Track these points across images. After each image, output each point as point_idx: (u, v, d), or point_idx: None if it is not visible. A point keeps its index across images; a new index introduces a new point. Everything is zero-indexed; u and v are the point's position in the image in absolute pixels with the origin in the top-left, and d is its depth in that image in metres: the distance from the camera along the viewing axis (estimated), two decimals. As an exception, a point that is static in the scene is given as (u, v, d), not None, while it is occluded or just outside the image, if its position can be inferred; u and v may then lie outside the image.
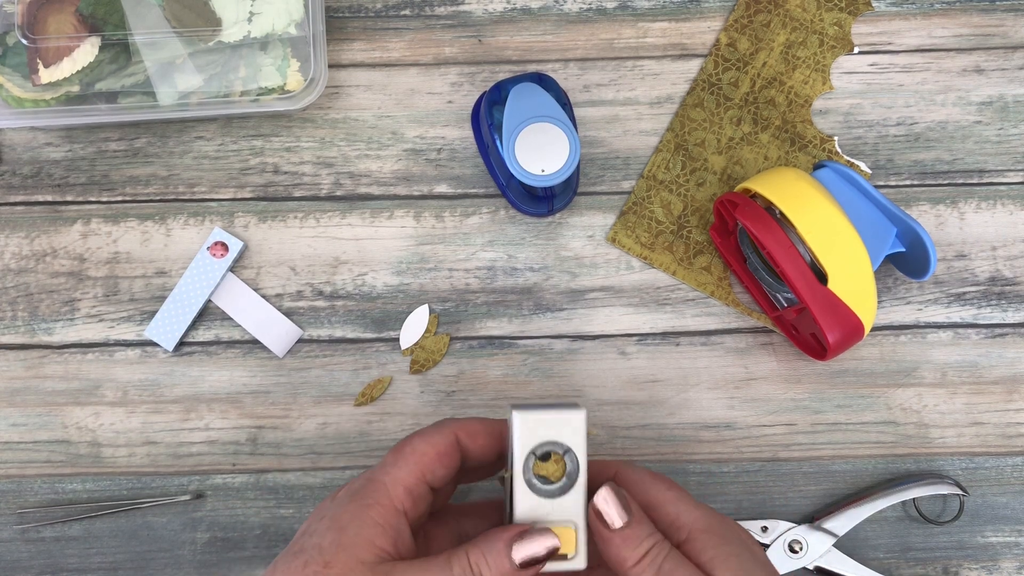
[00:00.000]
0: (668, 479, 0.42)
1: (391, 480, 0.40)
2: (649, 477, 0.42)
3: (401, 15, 0.58)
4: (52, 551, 0.53)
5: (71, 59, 0.52)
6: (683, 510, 0.41)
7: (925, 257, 0.50)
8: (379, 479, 0.40)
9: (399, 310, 0.55)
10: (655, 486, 0.41)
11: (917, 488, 0.51)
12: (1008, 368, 0.54)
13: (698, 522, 0.40)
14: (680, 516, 0.40)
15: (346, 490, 0.40)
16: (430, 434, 0.41)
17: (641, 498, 0.41)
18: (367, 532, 0.38)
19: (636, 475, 0.42)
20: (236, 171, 0.56)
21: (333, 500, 0.40)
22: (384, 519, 0.39)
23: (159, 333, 0.54)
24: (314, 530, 0.39)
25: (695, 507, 0.41)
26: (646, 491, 0.41)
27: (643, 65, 0.57)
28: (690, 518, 0.40)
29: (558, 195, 0.54)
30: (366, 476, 0.40)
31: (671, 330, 0.55)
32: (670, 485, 0.42)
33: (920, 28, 0.57)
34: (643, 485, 0.42)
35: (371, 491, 0.39)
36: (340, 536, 0.38)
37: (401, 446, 0.41)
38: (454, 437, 0.42)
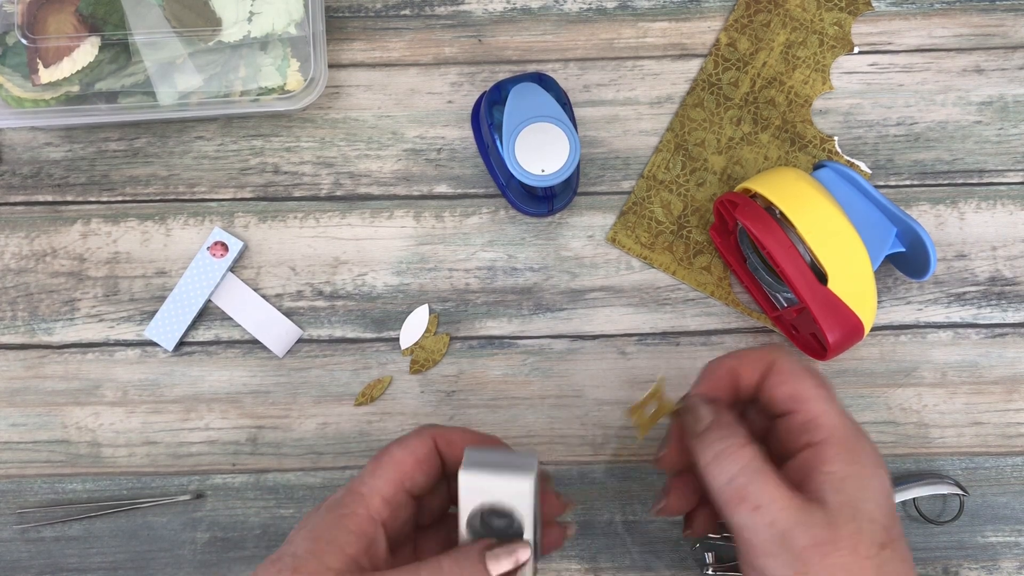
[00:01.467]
0: (820, 377, 0.41)
1: (368, 490, 0.40)
2: (801, 370, 0.41)
3: (401, 15, 0.58)
4: (52, 551, 0.53)
5: (71, 59, 0.52)
6: (826, 411, 0.40)
7: (925, 257, 0.50)
8: (356, 489, 0.40)
9: (399, 310, 0.55)
10: (804, 381, 0.41)
11: (917, 488, 0.51)
12: (1008, 368, 0.54)
13: (837, 430, 0.39)
14: (821, 416, 0.40)
15: (328, 500, 0.41)
16: (408, 441, 0.41)
17: (787, 389, 0.41)
18: (339, 540, 0.38)
19: (789, 365, 0.42)
20: (236, 171, 0.56)
21: (316, 510, 0.40)
22: (358, 527, 0.39)
23: (159, 333, 0.54)
24: (292, 539, 0.39)
25: (839, 414, 0.40)
26: (796, 384, 0.41)
27: (643, 65, 0.57)
28: (830, 422, 0.40)
29: (558, 195, 0.54)
30: (346, 487, 0.41)
31: (671, 330, 0.55)
32: (820, 383, 0.41)
33: (920, 28, 0.57)
34: (792, 376, 0.41)
35: (348, 501, 0.40)
36: (314, 544, 0.38)
37: (380, 455, 0.41)
38: (432, 443, 0.42)
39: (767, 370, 0.42)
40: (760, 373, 0.42)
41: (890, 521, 0.38)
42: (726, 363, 0.43)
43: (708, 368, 0.44)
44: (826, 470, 0.38)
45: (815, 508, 0.38)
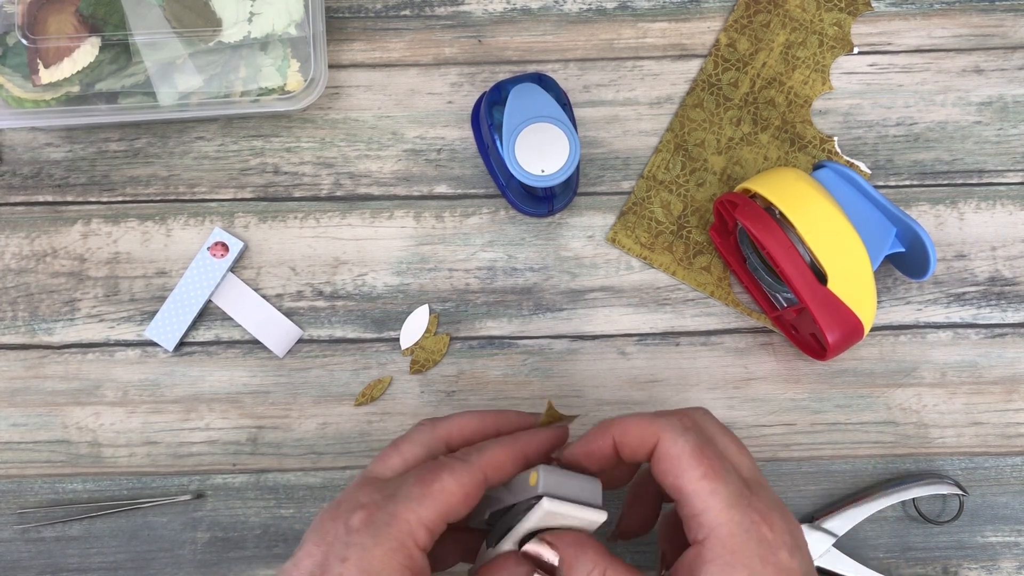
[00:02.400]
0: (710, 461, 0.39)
1: (416, 519, 0.38)
2: (688, 457, 0.39)
3: (401, 15, 0.58)
4: (52, 551, 0.53)
5: (71, 59, 0.52)
6: (710, 508, 0.38)
7: (925, 257, 0.50)
8: (404, 516, 0.38)
9: (399, 310, 0.55)
10: (690, 471, 0.39)
11: (917, 488, 0.51)
12: (1007, 368, 0.54)
13: (720, 528, 0.38)
14: (704, 514, 0.38)
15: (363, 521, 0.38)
16: (460, 474, 0.39)
17: (672, 481, 0.39)
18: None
19: (675, 451, 0.39)
20: (236, 171, 0.56)
21: (348, 532, 0.38)
22: (412, 563, 0.38)
23: (159, 333, 0.54)
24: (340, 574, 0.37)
25: (726, 506, 0.38)
26: (678, 475, 0.39)
27: (643, 65, 0.57)
28: (713, 520, 0.38)
29: (558, 195, 0.54)
30: (387, 509, 0.38)
31: (671, 330, 0.55)
32: (707, 471, 0.38)
33: (920, 28, 0.57)
34: (678, 467, 0.39)
35: (396, 532, 0.38)
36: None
37: (430, 479, 0.39)
38: (483, 477, 0.40)
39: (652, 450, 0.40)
40: (646, 450, 0.40)
41: None
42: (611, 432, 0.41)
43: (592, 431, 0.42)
44: (704, 573, 0.37)
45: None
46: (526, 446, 0.42)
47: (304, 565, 0.38)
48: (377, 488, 0.40)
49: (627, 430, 0.41)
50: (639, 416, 0.41)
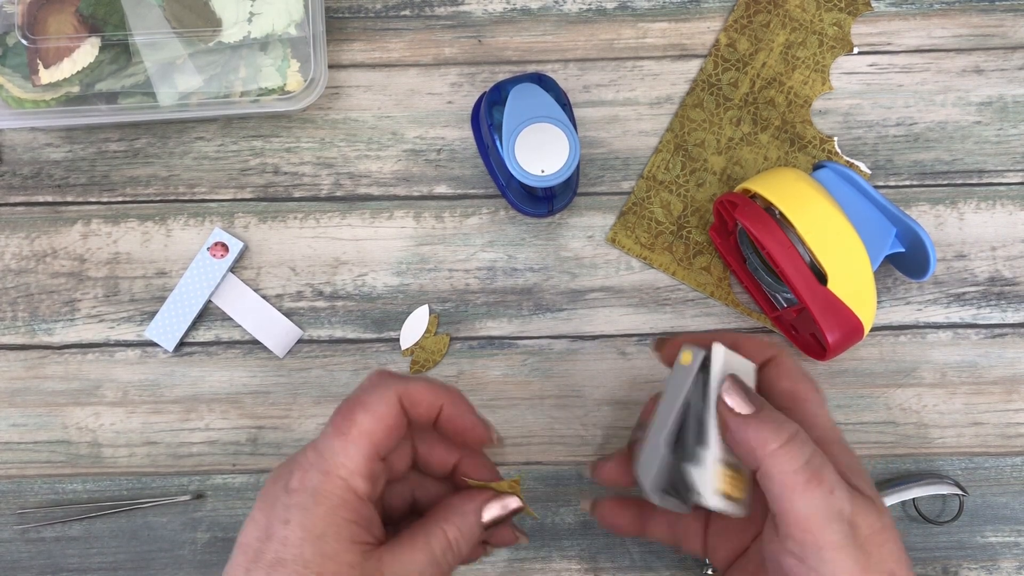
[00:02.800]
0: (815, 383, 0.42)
1: (347, 472, 0.38)
2: (801, 373, 0.42)
3: (401, 15, 0.58)
4: (52, 551, 0.53)
5: (71, 59, 0.52)
6: (822, 414, 0.41)
7: (925, 257, 0.50)
8: (335, 473, 0.38)
9: (399, 310, 0.55)
10: (803, 382, 0.42)
11: (917, 488, 0.51)
12: (1007, 368, 0.54)
13: (834, 432, 0.40)
14: (819, 418, 0.40)
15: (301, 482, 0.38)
16: (373, 404, 0.39)
17: (787, 385, 0.41)
18: (345, 534, 0.37)
19: (790, 365, 0.42)
20: (236, 171, 0.56)
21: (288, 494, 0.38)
22: (354, 514, 0.38)
23: (159, 333, 0.54)
24: (285, 538, 0.37)
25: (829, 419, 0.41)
26: (795, 383, 0.41)
27: (643, 65, 0.57)
28: (826, 424, 0.40)
29: (558, 195, 0.54)
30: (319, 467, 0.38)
31: (671, 330, 0.55)
32: (816, 388, 0.42)
33: (919, 28, 0.57)
34: (792, 376, 0.42)
35: (333, 488, 0.38)
36: (321, 546, 0.37)
37: (346, 424, 0.39)
38: (399, 404, 0.40)
39: (767, 362, 0.43)
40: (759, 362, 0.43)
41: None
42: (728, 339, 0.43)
43: (714, 335, 0.44)
44: (843, 464, 0.39)
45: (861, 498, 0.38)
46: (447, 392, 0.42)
47: (249, 531, 0.38)
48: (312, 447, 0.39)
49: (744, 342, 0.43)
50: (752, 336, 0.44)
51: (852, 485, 0.38)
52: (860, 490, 0.38)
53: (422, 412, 0.41)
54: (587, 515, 0.53)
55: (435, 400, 0.41)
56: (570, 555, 0.53)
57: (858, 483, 0.39)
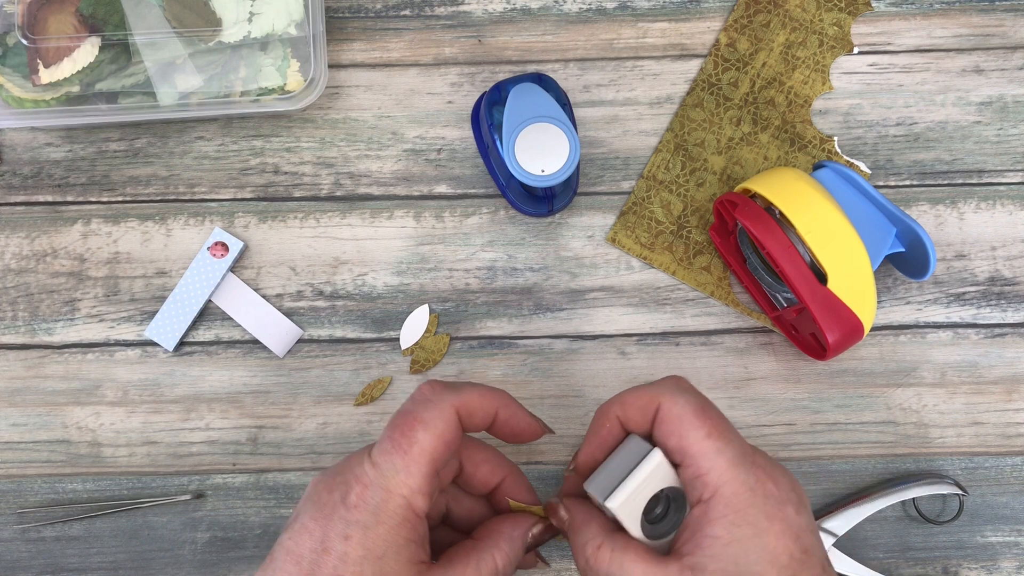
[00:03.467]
0: (712, 420, 0.39)
1: (409, 491, 0.38)
2: (690, 417, 0.39)
3: (401, 15, 0.58)
4: (52, 551, 0.53)
5: (71, 59, 0.52)
6: (714, 466, 0.38)
7: (925, 257, 0.50)
8: (398, 492, 0.38)
9: (399, 310, 0.55)
10: (692, 431, 0.38)
11: (917, 488, 0.51)
12: (1008, 368, 0.54)
13: (725, 487, 0.37)
14: (709, 473, 0.38)
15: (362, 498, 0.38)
16: (432, 421, 0.39)
17: (675, 443, 0.39)
18: (404, 555, 0.37)
19: (676, 412, 0.39)
20: (236, 171, 0.56)
21: (348, 509, 0.38)
22: (413, 534, 0.38)
23: (159, 333, 0.54)
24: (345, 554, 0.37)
25: (731, 465, 0.38)
26: (681, 436, 0.39)
27: (643, 65, 0.57)
28: (718, 479, 0.38)
29: (558, 195, 0.54)
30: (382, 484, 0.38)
31: (671, 330, 0.55)
32: (710, 431, 0.38)
33: (920, 28, 0.57)
34: (679, 427, 0.39)
35: (395, 508, 0.38)
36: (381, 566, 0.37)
37: (406, 441, 0.38)
38: (456, 419, 0.40)
39: (654, 416, 0.40)
40: (648, 418, 0.40)
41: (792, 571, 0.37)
42: (611, 412, 0.41)
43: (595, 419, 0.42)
44: (710, 533, 0.37)
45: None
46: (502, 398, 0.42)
47: (304, 540, 0.38)
48: (366, 458, 0.39)
49: (626, 404, 0.41)
50: (634, 389, 0.41)
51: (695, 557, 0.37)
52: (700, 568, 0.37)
53: (478, 421, 0.41)
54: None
55: (490, 407, 0.41)
56: (570, 555, 0.53)
57: (705, 559, 0.37)
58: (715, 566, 0.37)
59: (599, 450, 0.42)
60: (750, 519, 0.37)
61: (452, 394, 0.40)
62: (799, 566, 0.37)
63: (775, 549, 0.37)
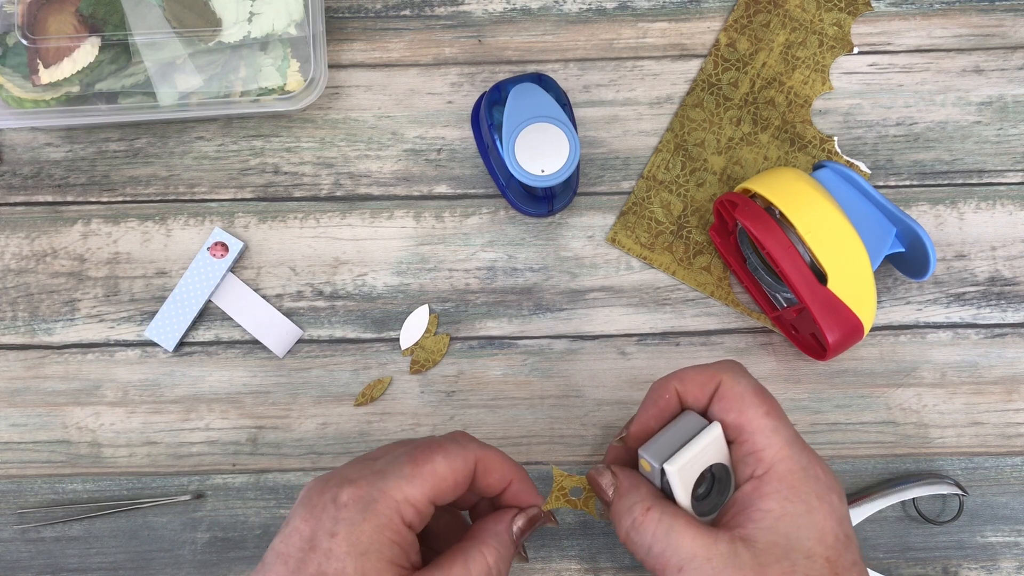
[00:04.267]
0: (771, 402, 0.41)
1: (403, 498, 0.38)
2: (751, 396, 0.40)
3: (401, 15, 0.58)
4: (52, 551, 0.53)
5: (71, 59, 0.52)
6: (771, 444, 0.39)
7: (925, 257, 0.50)
8: (392, 495, 0.38)
9: (399, 310, 0.55)
10: (752, 408, 0.40)
11: (917, 488, 0.51)
12: (1008, 368, 0.54)
13: (780, 464, 0.39)
14: (765, 450, 0.39)
15: (353, 497, 0.38)
16: (453, 455, 0.40)
17: (733, 418, 0.40)
18: (387, 555, 0.37)
19: (738, 390, 0.41)
20: (236, 171, 0.56)
21: (337, 507, 0.38)
22: (400, 538, 0.38)
23: (159, 333, 0.54)
24: (329, 550, 0.37)
25: (787, 444, 0.39)
26: (741, 412, 0.40)
27: (643, 65, 0.57)
28: (774, 456, 0.39)
29: (558, 195, 0.54)
30: (376, 484, 0.38)
31: (671, 330, 0.55)
32: (769, 410, 0.40)
33: (919, 28, 0.57)
34: (740, 404, 0.40)
35: (384, 508, 0.38)
36: (363, 563, 0.37)
37: (421, 459, 0.39)
38: (473, 467, 0.41)
39: (713, 392, 0.41)
40: (707, 395, 0.41)
41: (836, 553, 0.38)
42: (670, 385, 0.42)
43: (652, 391, 0.43)
44: (762, 507, 0.38)
45: (742, 549, 0.37)
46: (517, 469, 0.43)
47: (293, 541, 0.38)
48: (367, 465, 0.40)
49: (686, 378, 0.42)
50: (694, 366, 0.43)
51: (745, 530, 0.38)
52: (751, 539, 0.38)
53: (493, 482, 0.42)
54: (586, 515, 0.53)
55: (507, 474, 0.42)
56: (570, 555, 0.53)
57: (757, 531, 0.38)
58: (766, 538, 0.38)
59: (655, 420, 0.43)
60: (803, 496, 0.38)
61: (479, 446, 0.41)
62: (843, 548, 0.38)
63: (823, 528, 0.38)
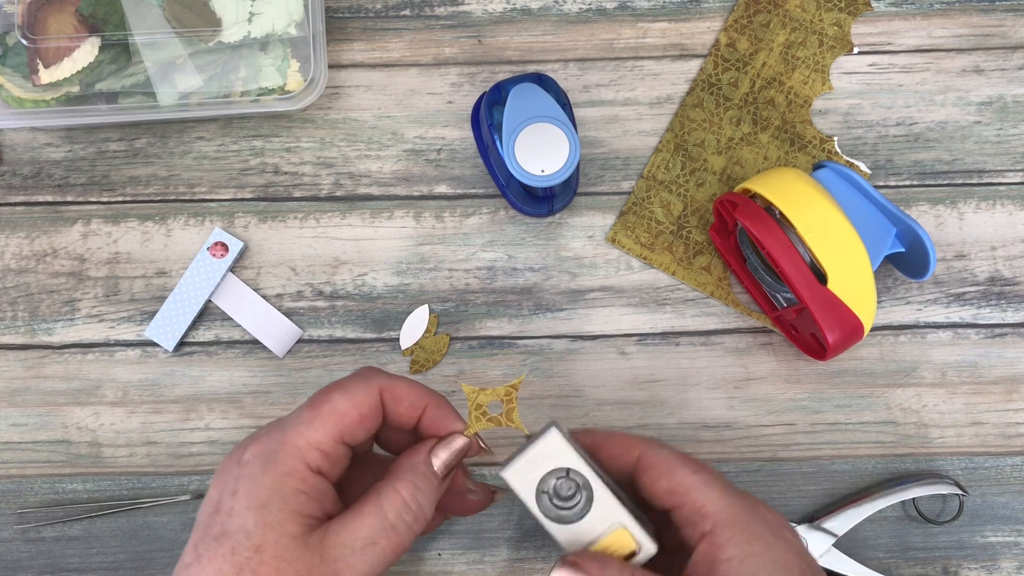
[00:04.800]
0: (695, 461, 0.40)
1: (305, 443, 0.37)
2: (674, 459, 0.40)
3: (401, 15, 0.58)
4: (52, 551, 0.53)
5: (71, 59, 0.52)
6: (710, 497, 0.38)
7: (925, 257, 0.50)
8: (292, 442, 0.37)
9: (399, 310, 0.55)
10: (680, 469, 0.39)
11: (917, 488, 0.51)
12: (1008, 368, 0.54)
13: (724, 512, 0.38)
14: (706, 505, 0.38)
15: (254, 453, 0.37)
16: (353, 390, 0.38)
17: (664, 484, 0.39)
18: (291, 504, 0.36)
19: (660, 456, 0.40)
20: (236, 171, 0.56)
21: (240, 465, 0.37)
22: (306, 485, 0.36)
23: (159, 333, 0.54)
24: (231, 509, 0.36)
25: (723, 494, 0.39)
26: (670, 475, 0.39)
27: (643, 65, 0.57)
28: (716, 507, 0.38)
29: (558, 195, 0.54)
30: (276, 436, 0.37)
31: (671, 330, 0.55)
32: (696, 468, 0.39)
33: (920, 28, 0.57)
34: (667, 468, 0.40)
35: (284, 457, 0.36)
36: (263, 515, 0.35)
37: (319, 401, 0.38)
38: (379, 397, 0.39)
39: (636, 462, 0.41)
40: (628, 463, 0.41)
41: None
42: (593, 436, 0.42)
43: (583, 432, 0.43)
44: (723, 558, 0.37)
45: None
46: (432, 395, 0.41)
47: (205, 508, 0.37)
48: (274, 422, 0.39)
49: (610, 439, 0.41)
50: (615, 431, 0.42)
51: None
52: None
53: (404, 411, 0.40)
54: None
55: (418, 400, 0.40)
56: (570, 555, 0.53)
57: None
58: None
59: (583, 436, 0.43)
60: (757, 535, 0.38)
61: (382, 376, 0.40)
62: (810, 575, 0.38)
63: (787, 562, 0.38)
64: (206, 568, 0.36)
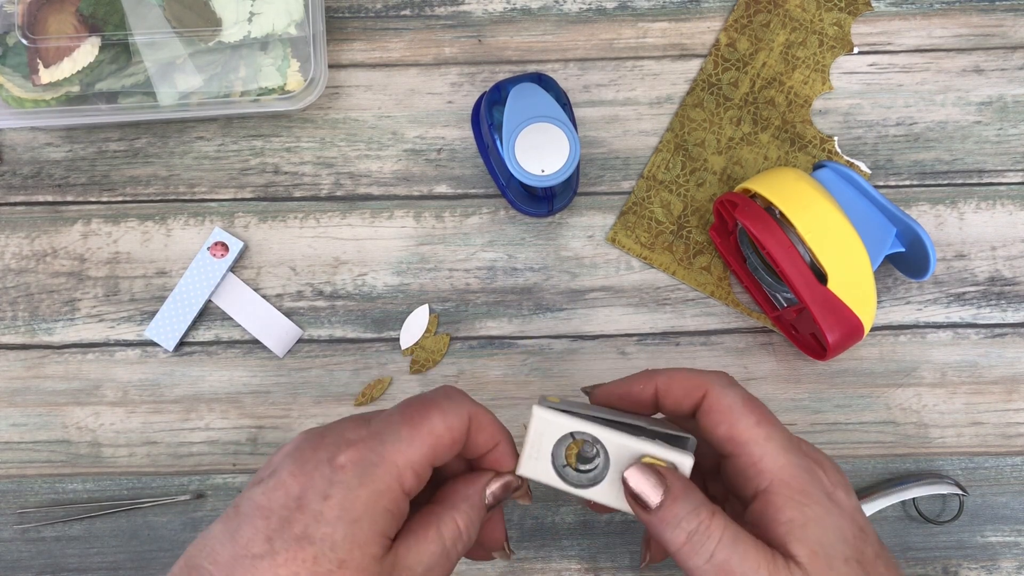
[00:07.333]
0: (761, 410, 0.39)
1: (404, 462, 0.36)
2: (740, 407, 0.39)
3: (401, 15, 0.58)
4: (52, 551, 0.53)
5: (71, 59, 0.52)
6: (768, 453, 0.37)
7: (925, 257, 0.50)
8: (392, 459, 0.36)
9: (399, 310, 0.55)
10: (744, 419, 0.38)
11: (917, 488, 0.51)
12: (1008, 368, 0.54)
13: (782, 471, 0.37)
14: (763, 459, 0.37)
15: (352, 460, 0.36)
16: (449, 413, 0.38)
17: (723, 431, 0.38)
18: (379, 524, 0.35)
19: (726, 402, 0.39)
20: (236, 171, 0.56)
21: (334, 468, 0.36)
22: (394, 505, 0.36)
23: (159, 333, 0.54)
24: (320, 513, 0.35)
25: (783, 450, 0.38)
26: (732, 424, 0.38)
27: (643, 65, 0.57)
28: (774, 464, 0.37)
29: (558, 195, 0.54)
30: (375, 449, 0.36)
31: (671, 330, 0.55)
32: (760, 419, 0.38)
33: (919, 28, 0.57)
34: (730, 416, 0.38)
35: (383, 474, 0.36)
36: (354, 531, 0.35)
37: (418, 419, 0.37)
38: (467, 424, 0.38)
39: (700, 400, 0.40)
40: (692, 402, 0.40)
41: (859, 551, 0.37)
42: (653, 382, 0.41)
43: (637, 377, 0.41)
44: (782, 519, 0.37)
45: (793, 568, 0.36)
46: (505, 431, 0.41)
47: (277, 496, 0.36)
48: (362, 425, 0.38)
49: (673, 380, 0.40)
50: (686, 369, 0.41)
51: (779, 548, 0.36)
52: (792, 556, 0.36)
53: (482, 441, 0.39)
54: (587, 514, 0.53)
55: (496, 435, 0.40)
56: (570, 555, 0.53)
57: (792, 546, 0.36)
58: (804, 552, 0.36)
59: (619, 399, 0.41)
60: (815, 498, 0.37)
61: (471, 403, 0.39)
62: (862, 543, 0.37)
63: (841, 526, 0.37)
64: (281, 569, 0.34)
